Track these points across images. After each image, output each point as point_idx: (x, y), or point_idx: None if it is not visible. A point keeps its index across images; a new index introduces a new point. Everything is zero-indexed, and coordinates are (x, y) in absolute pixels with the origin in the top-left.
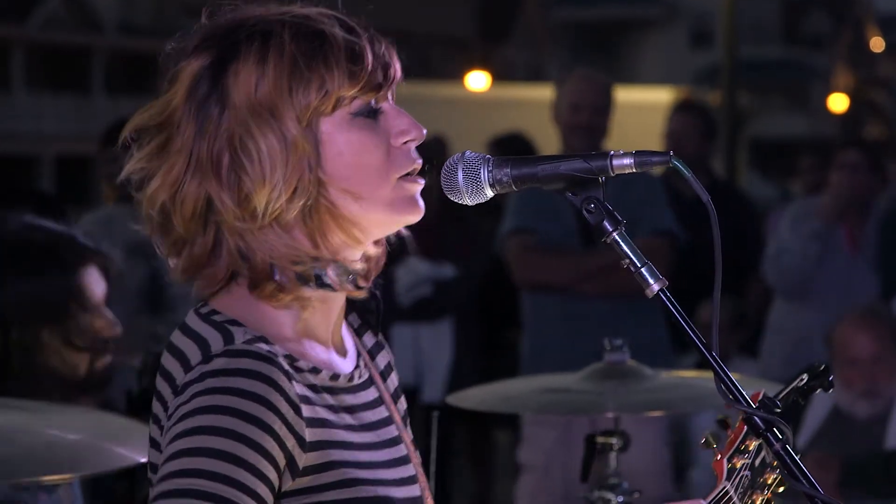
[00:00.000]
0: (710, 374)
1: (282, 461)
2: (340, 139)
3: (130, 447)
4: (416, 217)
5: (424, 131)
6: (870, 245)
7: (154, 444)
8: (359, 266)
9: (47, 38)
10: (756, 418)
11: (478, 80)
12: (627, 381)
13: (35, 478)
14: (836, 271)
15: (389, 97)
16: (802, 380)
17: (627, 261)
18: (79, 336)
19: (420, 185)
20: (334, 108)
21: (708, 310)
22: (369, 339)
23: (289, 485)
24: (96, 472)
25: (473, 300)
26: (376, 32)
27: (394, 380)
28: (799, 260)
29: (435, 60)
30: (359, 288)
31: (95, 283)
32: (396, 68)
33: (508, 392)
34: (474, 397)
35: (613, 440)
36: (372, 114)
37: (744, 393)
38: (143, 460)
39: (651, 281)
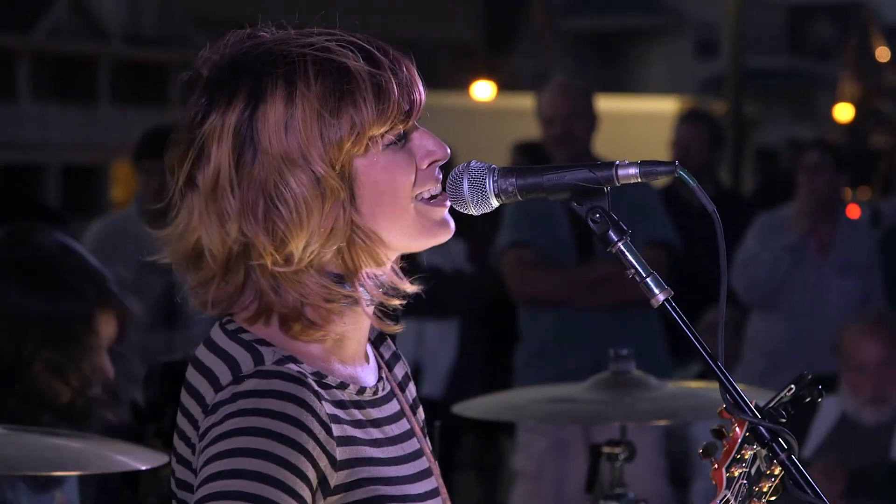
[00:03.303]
0: (715, 384)
1: (315, 481)
2: (376, 170)
3: (133, 457)
4: (446, 237)
5: (448, 151)
6: (839, 250)
7: (182, 460)
8: (393, 302)
9: (53, 48)
10: (761, 428)
11: (483, 90)
12: (633, 391)
13: (41, 473)
14: (806, 279)
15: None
16: (790, 390)
17: (633, 271)
18: (71, 369)
19: (446, 207)
20: (367, 150)
21: (711, 316)
22: (386, 350)
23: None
24: (101, 471)
25: (482, 305)
26: (396, 53)
27: (412, 390)
28: (767, 271)
29: (440, 70)
30: (389, 320)
31: (107, 328)
32: (420, 91)
33: (513, 401)
34: (479, 406)
35: (619, 450)
36: (401, 140)
37: (749, 403)
38: (146, 468)
39: (656, 291)
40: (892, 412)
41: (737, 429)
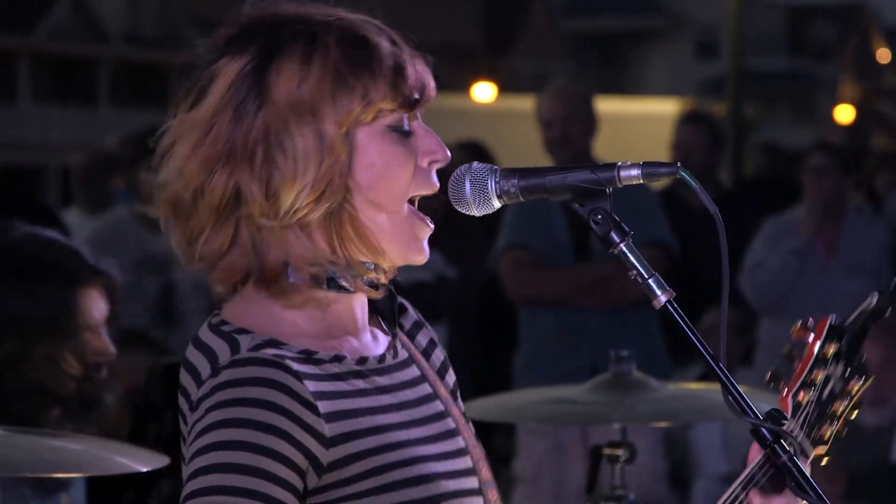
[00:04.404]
0: (716, 386)
1: (303, 462)
2: (374, 150)
3: (134, 459)
4: (420, 260)
5: (449, 154)
6: (845, 250)
7: (185, 460)
8: (373, 275)
9: (53, 49)
10: (763, 430)
11: (484, 92)
12: (633, 392)
13: (41, 474)
14: (814, 280)
15: (419, 115)
16: (872, 301)
17: (635, 272)
18: (71, 355)
19: (430, 230)
20: (374, 119)
21: (713, 318)
22: (407, 320)
23: (315, 483)
24: (101, 473)
25: (471, 310)
26: (414, 48)
27: (438, 355)
28: (775, 275)
29: (441, 72)
30: (375, 288)
31: (95, 305)
32: (431, 87)
33: (514, 402)
34: (479, 408)
35: (619, 451)
36: (404, 131)
37: (751, 404)
38: (146, 469)
39: (658, 292)
40: (892, 414)
41: (815, 343)
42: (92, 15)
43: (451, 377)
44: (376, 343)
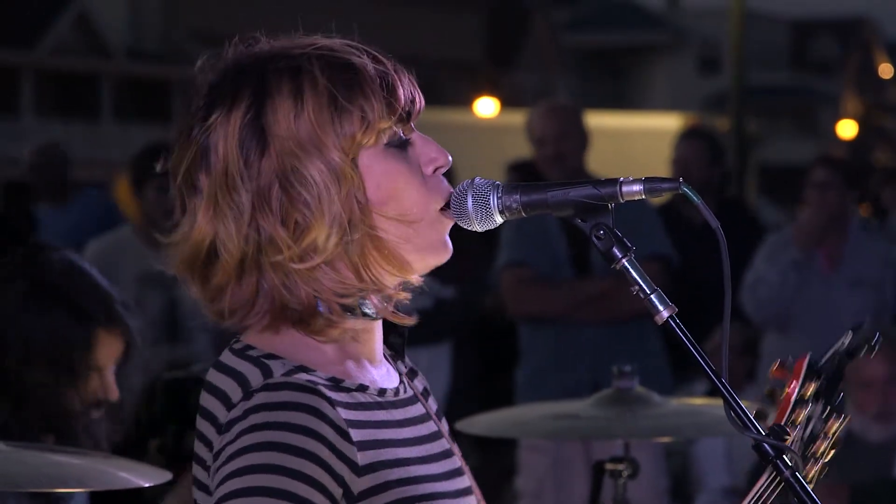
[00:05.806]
0: (719, 401)
1: (335, 489)
2: (377, 171)
3: (136, 474)
4: (446, 257)
5: (450, 158)
6: (848, 264)
7: (201, 486)
8: (402, 295)
9: (56, 64)
10: (766, 445)
11: (486, 107)
12: (636, 408)
13: (43, 489)
14: (816, 294)
15: (412, 125)
16: (845, 341)
17: (637, 287)
18: (73, 393)
19: (451, 223)
20: (375, 141)
21: (719, 336)
22: (402, 366)
23: None
24: (103, 488)
25: (472, 327)
26: (397, 62)
27: (432, 403)
28: (776, 291)
29: (443, 86)
30: (403, 314)
31: (109, 348)
32: (420, 97)
33: (517, 418)
34: (482, 423)
35: (622, 467)
36: (402, 144)
37: (753, 420)
38: (148, 485)
39: (661, 308)
40: None
41: (794, 384)
42: (94, 30)
43: (444, 424)
44: (390, 377)
